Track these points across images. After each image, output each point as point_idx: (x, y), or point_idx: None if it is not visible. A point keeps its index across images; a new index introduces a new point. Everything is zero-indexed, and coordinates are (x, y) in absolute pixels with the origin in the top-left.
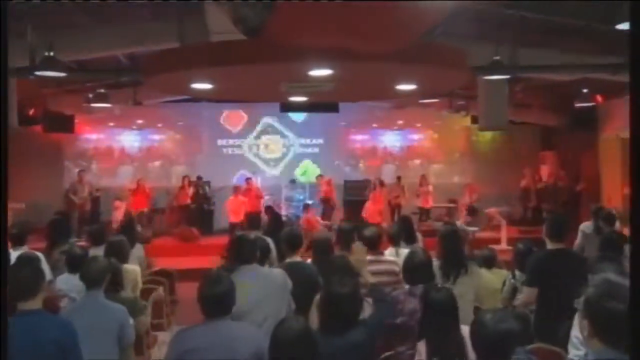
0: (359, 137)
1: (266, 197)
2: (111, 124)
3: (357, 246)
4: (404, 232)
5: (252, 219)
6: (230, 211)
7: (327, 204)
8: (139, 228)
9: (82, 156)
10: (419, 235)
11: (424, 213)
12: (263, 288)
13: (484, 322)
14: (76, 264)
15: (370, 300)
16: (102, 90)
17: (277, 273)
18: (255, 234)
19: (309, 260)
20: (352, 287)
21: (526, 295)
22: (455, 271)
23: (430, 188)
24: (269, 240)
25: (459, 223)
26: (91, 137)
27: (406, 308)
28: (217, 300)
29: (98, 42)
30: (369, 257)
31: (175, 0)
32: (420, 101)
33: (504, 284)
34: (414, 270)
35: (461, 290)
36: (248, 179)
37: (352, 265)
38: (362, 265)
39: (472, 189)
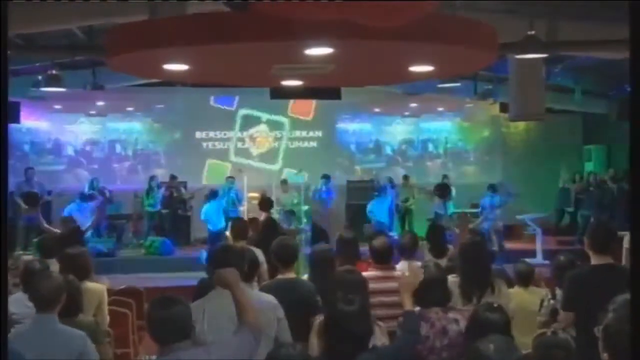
0: (365, 128)
1: (253, 202)
2: (66, 112)
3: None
4: (436, 244)
5: (237, 226)
6: (209, 218)
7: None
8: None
9: (30, 151)
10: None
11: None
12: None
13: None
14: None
15: (382, 324)
16: (55, 72)
17: (267, 300)
18: (242, 244)
19: (305, 276)
20: (360, 305)
21: (562, 320)
22: (479, 290)
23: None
24: (259, 252)
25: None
26: (41, 128)
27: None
28: (165, 326)
29: (51, 13)
30: (377, 273)
31: None
32: (439, 86)
33: (541, 304)
34: (425, 289)
35: None
36: (229, 179)
37: (362, 282)
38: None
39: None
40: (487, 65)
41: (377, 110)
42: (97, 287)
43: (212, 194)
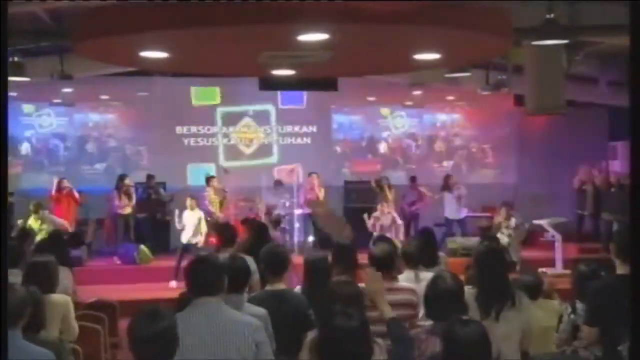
0: (364, 123)
1: (241, 204)
2: (29, 104)
3: (371, 272)
4: (425, 251)
5: (224, 232)
6: (189, 223)
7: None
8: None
9: None
10: (442, 255)
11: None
12: (219, 335)
13: None
14: None
15: (380, 340)
16: (17, 59)
17: (246, 322)
18: (230, 252)
19: (297, 288)
20: (360, 320)
21: (586, 336)
22: (498, 304)
23: (463, 191)
24: (250, 260)
25: None
26: None
27: (427, 352)
28: (149, 344)
29: None
30: None
31: None
32: (447, 75)
33: (560, 320)
34: (439, 301)
35: (506, 330)
36: (210, 178)
37: (361, 294)
38: (379, 295)
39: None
40: (501, 52)
41: (371, 99)
42: (60, 298)
43: None
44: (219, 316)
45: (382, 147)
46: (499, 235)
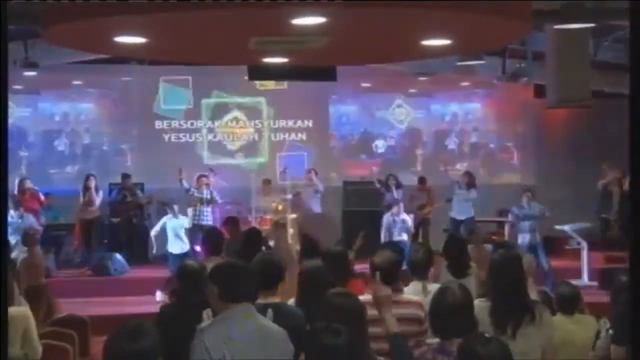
0: (367, 116)
1: (227, 207)
2: None
3: (377, 280)
4: (456, 260)
5: (210, 239)
6: (170, 238)
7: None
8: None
9: None
10: (473, 265)
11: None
12: (267, 339)
13: None
14: None
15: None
16: None
17: (281, 329)
18: (216, 261)
19: (291, 301)
20: (350, 336)
21: (613, 355)
22: (515, 318)
23: (473, 193)
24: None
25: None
26: None
27: None
28: None
29: None
30: None
31: None
32: (459, 64)
33: (597, 336)
34: (446, 316)
35: (524, 347)
36: (201, 177)
37: (362, 308)
38: (385, 308)
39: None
40: (519, 38)
41: (389, 99)
42: (20, 312)
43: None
44: (259, 320)
45: (380, 145)
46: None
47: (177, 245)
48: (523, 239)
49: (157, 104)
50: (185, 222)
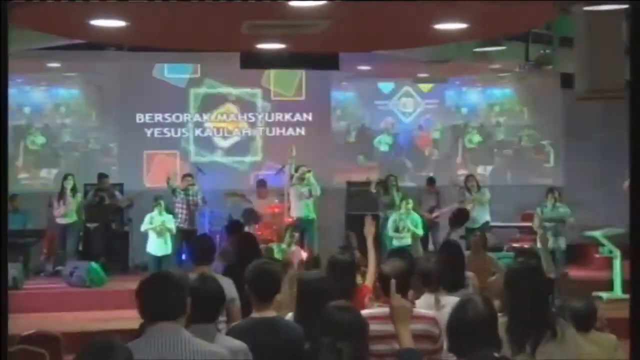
0: (372, 109)
1: (217, 211)
2: None
3: (393, 291)
4: (449, 270)
5: (199, 247)
6: (151, 239)
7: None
8: None
9: None
10: (469, 275)
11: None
12: None
13: None
14: None
15: None
16: None
17: (211, 353)
18: (204, 271)
19: (289, 315)
20: (349, 354)
21: None
22: (535, 335)
23: (486, 194)
24: (228, 282)
25: None
26: None
27: None
28: None
29: None
30: (386, 310)
31: None
32: (476, 50)
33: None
34: (467, 332)
35: None
36: (185, 176)
37: (364, 323)
38: (402, 323)
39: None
40: (544, 21)
41: (399, 90)
42: None
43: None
44: (179, 346)
45: (382, 144)
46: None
47: (158, 247)
48: (541, 243)
49: (158, 70)
50: (170, 222)
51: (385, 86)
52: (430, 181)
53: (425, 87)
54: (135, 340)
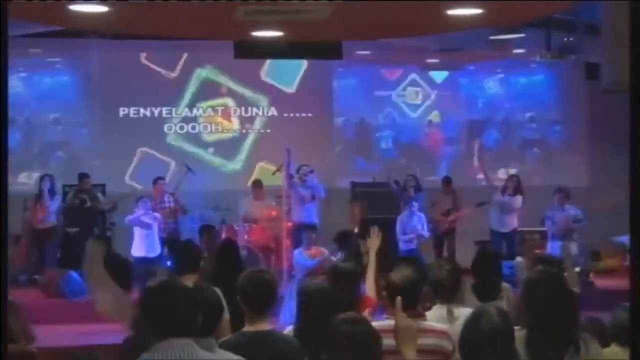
0: (364, 100)
1: (208, 214)
2: None
3: (398, 306)
4: (483, 280)
5: (184, 255)
6: (137, 238)
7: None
8: None
9: None
10: (505, 287)
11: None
12: None
13: None
14: None
15: None
16: None
17: None
18: (192, 280)
19: (288, 329)
20: None
21: None
22: (556, 351)
23: (519, 201)
24: (217, 292)
25: None
26: None
27: None
28: None
29: None
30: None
31: None
32: (492, 38)
33: None
34: (481, 346)
35: None
36: (158, 180)
37: (376, 337)
38: (405, 342)
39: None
40: (566, 6)
41: (409, 82)
42: None
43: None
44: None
45: (383, 142)
46: None
47: (144, 247)
48: (553, 248)
49: (145, 60)
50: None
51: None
52: (446, 181)
53: (436, 75)
54: (142, 356)
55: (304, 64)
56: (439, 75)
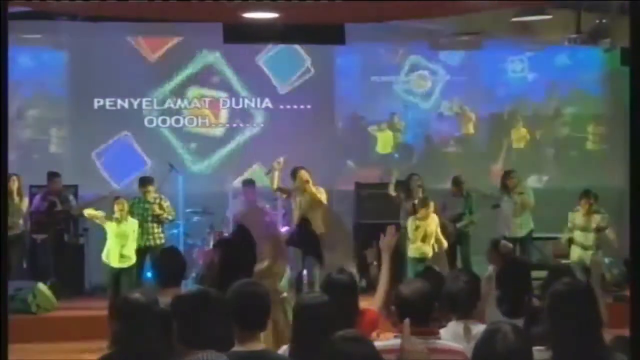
0: (357, 88)
1: (195, 219)
2: None
3: (407, 326)
4: (509, 293)
5: (166, 264)
6: (111, 246)
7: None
8: None
9: None
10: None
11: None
12: None
13: None
14: None
15: None
16: None
17: None
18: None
19: (283, 348)
20: None
21: None
22: None
23: (529, 197)
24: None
25: None
26: None
27: None
28: None
29: None
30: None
31: None
32: (515, 20)
33: None
34: None
35: None
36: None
37: (374, 355)
38: None
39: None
40: None
41: (421, 70)
42: None
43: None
44: None
45: (425, 122)
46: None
47: (118, 257)
48: (578, 255)
49: (123, 46)
50: (135, 227)
51: (388, 56)
52: (457, 182)
53: (448, 57)
54: None
55: (307, 60)
56: (451, 58)
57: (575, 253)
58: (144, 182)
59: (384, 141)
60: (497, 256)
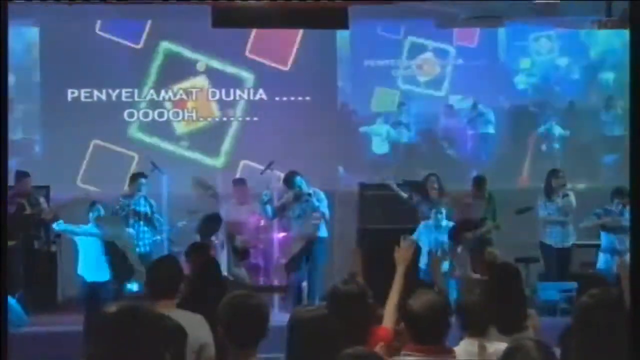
0: (395, 86)
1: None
2: None
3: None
4: (502, 305)
5: (161, 275)
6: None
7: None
8: None
9: None
10: (531, 314)
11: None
12: None
13: None
14: None
15: None
16: None
17: None
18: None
19: None
20: None
21: None
22: None
23: (571, 202)
24: (199, 320)
25: None
26: None
27: None
28: None
29: None
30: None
31: None
32: (536, 1)
33: None
34: None
35: None
36: (137, 176)
37: None
38: None
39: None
40: None
41: (434, 58)
42: None
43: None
44: None
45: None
46: None
47: (93, 270)
48: (605, 261)
49: (100, 32)
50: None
51: (388, 36)
52: (479, 182)
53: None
54: None
55: (298, 34)
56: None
57: (605, 258)
58: (136, 178)
59: (377, 138)
60: (482, 264)
